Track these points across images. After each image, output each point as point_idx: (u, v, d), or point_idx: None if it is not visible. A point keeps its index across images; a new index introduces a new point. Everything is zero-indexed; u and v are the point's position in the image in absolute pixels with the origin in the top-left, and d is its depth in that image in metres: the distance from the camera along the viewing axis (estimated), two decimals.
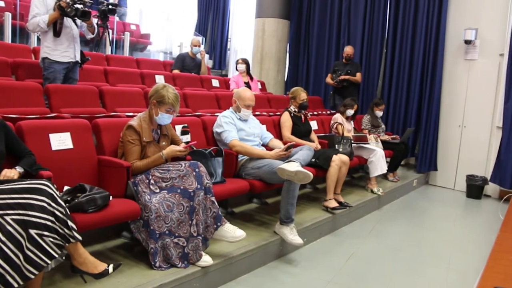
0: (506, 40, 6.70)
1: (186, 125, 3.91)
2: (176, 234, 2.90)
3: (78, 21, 4.56)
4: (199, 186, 2.98)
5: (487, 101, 7.06)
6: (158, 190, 2.97)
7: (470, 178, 6.96)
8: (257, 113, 5.39)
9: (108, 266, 2.42)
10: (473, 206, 6.60)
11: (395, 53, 7.80)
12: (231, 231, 3.10)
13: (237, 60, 7.34)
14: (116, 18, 9.41)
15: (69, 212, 2.28)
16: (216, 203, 3.08)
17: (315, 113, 6.66)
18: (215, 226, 3.06)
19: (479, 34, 7.03)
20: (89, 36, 4.86)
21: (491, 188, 7.01)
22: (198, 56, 7.47)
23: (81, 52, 4.70)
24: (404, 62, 7.69)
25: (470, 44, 7.11)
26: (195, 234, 2.96)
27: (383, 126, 6.95)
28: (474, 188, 6.90)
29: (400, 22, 7.73)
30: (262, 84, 8.11)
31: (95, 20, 5.34)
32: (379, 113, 6.79)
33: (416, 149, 7.76)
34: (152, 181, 3.00)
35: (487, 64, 7.05)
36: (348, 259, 3.98)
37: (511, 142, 6.53)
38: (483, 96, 7.09)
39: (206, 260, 3.00)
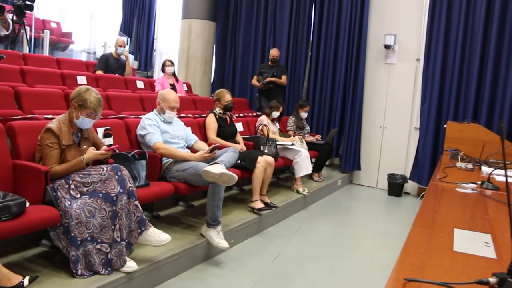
0: (422, 46, 7.07)
1: (108, 127, 3.81)
2: (99, 240, 2.82)
3: None
4: (121, 190, 2.91)
5: (406, 103, 7.42)
6: (79, 195, 2.87)
7: (391, 177, 7.26)
8: (182, 115, 5.35)
9: (23, 278, 2.31)
10: (394, 203, 6.89)
11: (319, 56, 7.99)
12: (156, 235, 3.06)
13: (165, 62, 7.23)
14: None
15: None
16: (140, 207, 3.02)
17: (241, 114, 6.71)
18: (139, 230, 3.00)
19: (397, 39, 7.37)
20: (3, 32, 4.62)
21: (411, 186, 7.36)
22: (123, 56, 7.30)
23: None
24: (328, 65, 7.89)
25: (390, 49, 7.44)
26: (118, 240, 2.89)
27: (308, 127, 7.10)
28: (395, 186, 7.21)
29: (324, 26, 7.92)
30: (188, 85, 8.04)
31: (9, 16, 5.07)
32: (304, 115, 6.93)
33: (340, 150, 7.97)
34: (72, 186, 2.89)
35: (405, 68, 7.40)
36: (274, 259, 4.03)
37: (428, 142, 6.89)
38: (401, 99, 7.45)
39: (130, 265, 2.94)
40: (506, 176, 1.47)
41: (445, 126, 5.69)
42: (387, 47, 7.42)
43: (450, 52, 6.71)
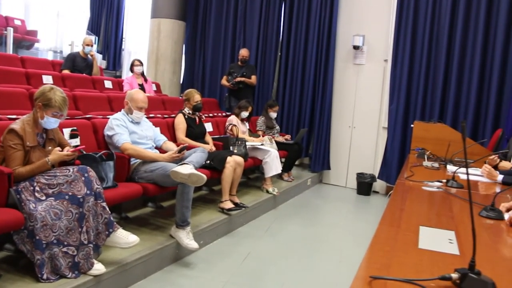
0: (389, 47, 7.19)
1: (75, 128, 3.74)
2: (65, 243, 2.77)
3: None
4: (88, 192, 2.86)
5: (374, 103, 7.53)
6: (44, 198, 2.81)
7: (359, 176, 7.36)
8: (151, 115, 5.29)
9: None
10: (363, 202, 6.99)
11: (289, 57, 8.02)
12: (124, 237, 3.02)
13: (133, 62, 7.15)
14: None
15: None
16: (108, 209, 2.98)
17: (210, 115, 6.67)
18: (107, 232, 2.96)
19: (366, 40, 7.47)
20: None
21: (379, 185, 7.48)
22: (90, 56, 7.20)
23: None
24: (297, 65, 7.93)
25: (358, 49, 7.54)
26: (85, 242, 2.84)
27: (277, 127, 7.13)
28: (364, 185, 7.31)
29: (293, 26, 7.97)
30: (157, 85, 7.98)
31: None
32: (274, 115, 6.96)
33: (309, 149, 8.02)
34: (37, 188, 2.83)
35: (374, 69, 7.52)
36: (244, 259, 4.04)
37: (395, 141, 7.01)
38: (370, 99, 7.56)
39: (98, 268, 2.90)
40: (467, 174, 1.51)
41: (412, 125, 5.79)
42: (355, 47, 7.51)
43: (417, 53, 6.86)
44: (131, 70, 7.15)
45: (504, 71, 6.25)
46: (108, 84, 6.92)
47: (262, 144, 5.90)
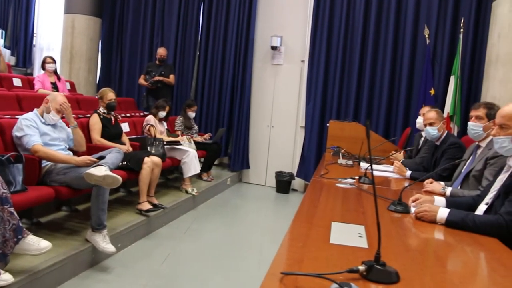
0: (306, 48, 7.39)
1: None
2: None
3: None
4: None
5: (291, 103, 7.72)
6: None
7: (278, 175, 7.50)
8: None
9: None
10: (282, 200, 7.14)
11: (207, 56, 8.03)
12: (35, 243, 2.88)
13: (45, 59, 6.81)
14: None
15: None
16: (16, 214, 2.82)
17: (128, 114, 6.51)
18: (15, 239, 2.80)
19: (283, 41, 7.64)
20: None
21: (298, 183, 7.67)
22: None
23: None
24: (216, 65, 7.96)
25: (276, 50, 7.70)
26: None
27: (196, 127, 7.10)
28: (283, 184, 7.46)
29: (212, 26, 7.98)
30: (72, 84, 7.67)
31: None
32: (192, 114, 6.92)
33: (229, 149, 8.08)
34: None
35: (291, 69, 7.70)
36: (164, 261, 4.00)
37: (312, 140, 7.23)
38: (287, 98, 7.74)
39: (5, 278, 2.75)
40: (372, 170, 1.60)
41: (328, 124, 5.99)
42: (273, 48, 7.66)
43: (332, 55, 7.13)
44: (43, 67, 6.81)
45: (412, 73, 6.65)
46: (17, 82, 6.57)
47: (180, 144, 5.86)
